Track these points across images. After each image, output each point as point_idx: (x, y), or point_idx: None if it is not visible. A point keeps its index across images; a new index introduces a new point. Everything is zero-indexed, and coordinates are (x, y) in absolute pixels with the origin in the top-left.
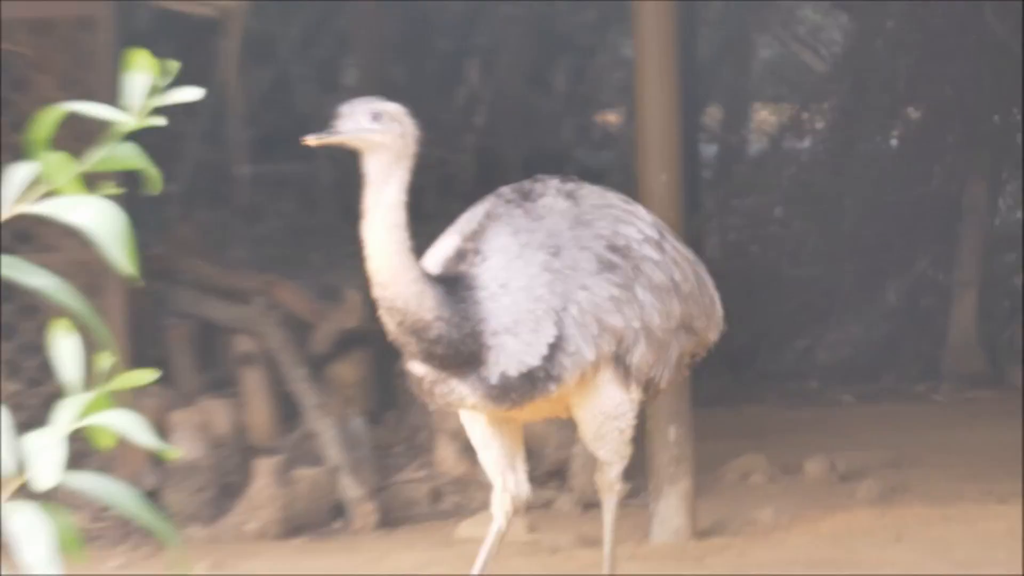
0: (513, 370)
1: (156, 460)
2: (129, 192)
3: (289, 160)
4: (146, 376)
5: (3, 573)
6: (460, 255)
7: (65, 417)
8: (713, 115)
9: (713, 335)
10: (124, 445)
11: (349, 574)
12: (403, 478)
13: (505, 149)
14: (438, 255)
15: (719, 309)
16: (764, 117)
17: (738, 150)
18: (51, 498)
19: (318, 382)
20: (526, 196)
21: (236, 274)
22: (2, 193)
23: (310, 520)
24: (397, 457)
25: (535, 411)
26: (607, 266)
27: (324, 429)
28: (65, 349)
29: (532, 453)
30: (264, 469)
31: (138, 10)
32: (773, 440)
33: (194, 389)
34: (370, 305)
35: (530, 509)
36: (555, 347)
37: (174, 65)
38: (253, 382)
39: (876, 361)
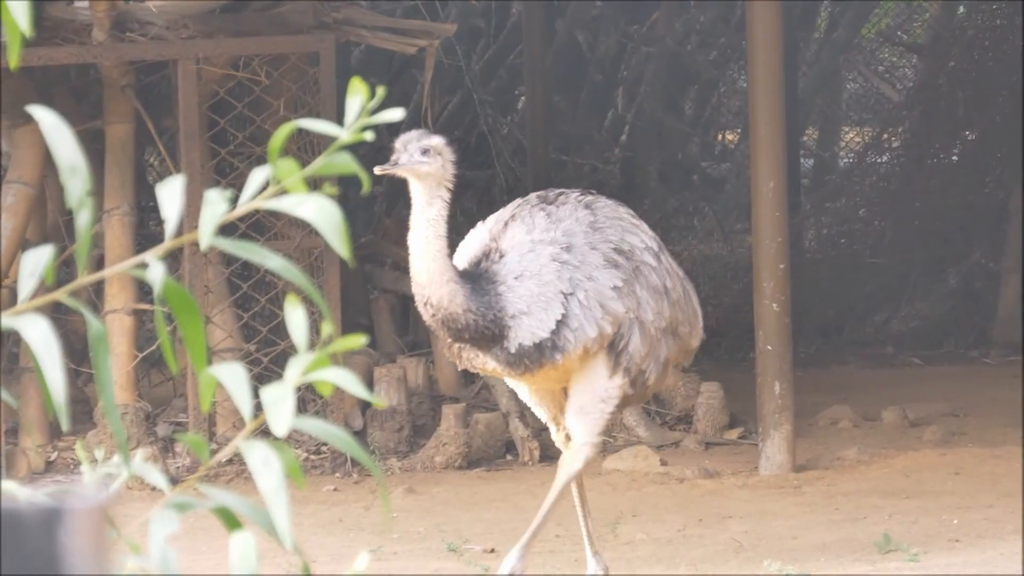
0: (528, 341)
1: (364, 406)
2: (345, 193)
3: (472, 168)
4: (357, 340)
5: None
6: (486, 252)
7: (294, 373)
8: (810, 135)
9: (695, 342)
10: (338, 394)
11: (516, 497)
12: None
13: (644, 161)
14: (469, 251)
15: (701, 321)
16: (851, 138)
17: (830, 163)
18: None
19: None
20: (549, 202)
21: None
22: (243, 191)
23: (486, 455)
24: None
25: (545, 378)
26: (612, 264)
27: (497, 382)
28: (295, 318)
29: (663, 402)
30: (450, 413)
31: (353, 47)
32: (856, 394)
33: (394, 350)
34: None
35: (662, 447)
36: (561, 323)
37: (382, 91)
38: (442, 345)
39: (939, 331)
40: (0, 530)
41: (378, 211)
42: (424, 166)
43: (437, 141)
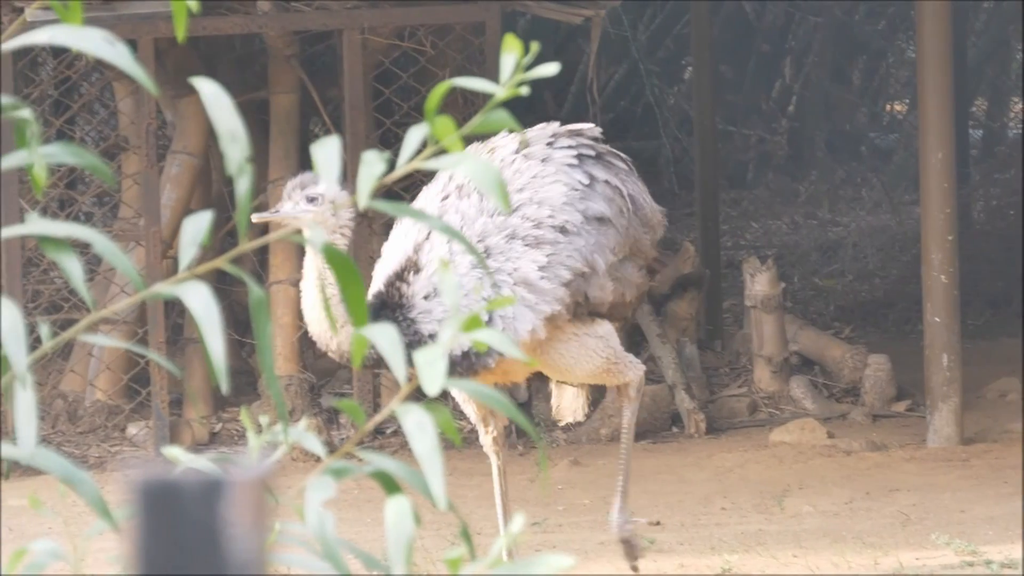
0: (455, 351)
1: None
2: None
3: (638, 138)
4: (509, 300)
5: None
6: (404, 267)
7: (447, 333)
8: (979, 106)
9: (660, 232)
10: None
11: (682, 469)
12: (726, 394)
13: (811, 131)
14: (389, 265)
15: (658, 215)
16: (1021, 108)
17: (999, 134)
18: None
19: (659, 316)
20: (461, 197)
21: None
22: (401, 151)
23: (652, 426)
24: (722, 377)
25: (494, 378)
26: (534, 242)
27: (664, 354)
28: (447, 280)
29: (831, 375)
30: None
31: (519, 17)
32: None
33: None
34: (701, 253)
35: (828, 419)
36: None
37: (535, 46)
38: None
39: None
40: (161, 501)
41: None
42: (308, 215)
43: (327, 187)
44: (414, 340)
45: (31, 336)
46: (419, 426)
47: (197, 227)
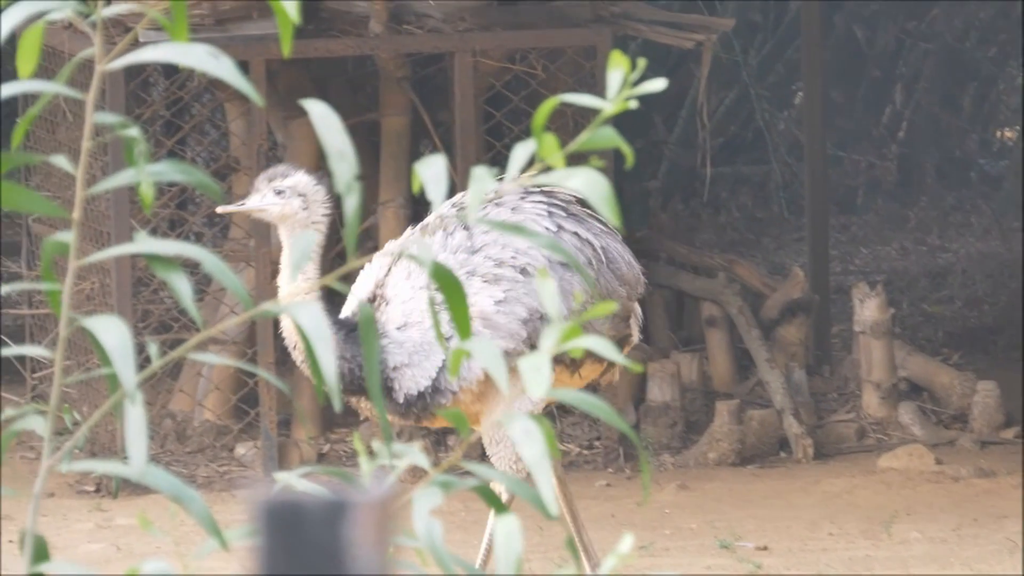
0: (413, 390)
1: (637, 401)
2: (619, 186)
3: (748, 163)
4: (609, 307)
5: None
6: (371, 299)
7: (549, 341)
8: None
9: (636, 297)
10: (611, 389)
11: (789, 494)
12: (835, 419)
13: (921, 157)
14: (360, 294)
15: (638, 275)
16: None
17: None
18: (547, 420)
19: (768, 341)
20: (424, 234)
21: (703, 254)
22: (508, 167)
23: (759, 451)
24: (830, 402)
25: (447, 421)
26: (493, 280)
27: (772, 379)
28: (545, 290)
29: (939, 401)
30: (724, 409)
31: (630, 41)
32: None
33: (668, 345)
34: (810, 279)
35: (936, 446)
36: (442, 369)
37: (643, 62)
38: (716, 340)
39: None
40: (285, 522)
41: (653, 206)
42: (276, 208)
43: (296, 180)
44: (381, 369)
45: (140, 355)
46: (526, 432)
47: (304, 245)
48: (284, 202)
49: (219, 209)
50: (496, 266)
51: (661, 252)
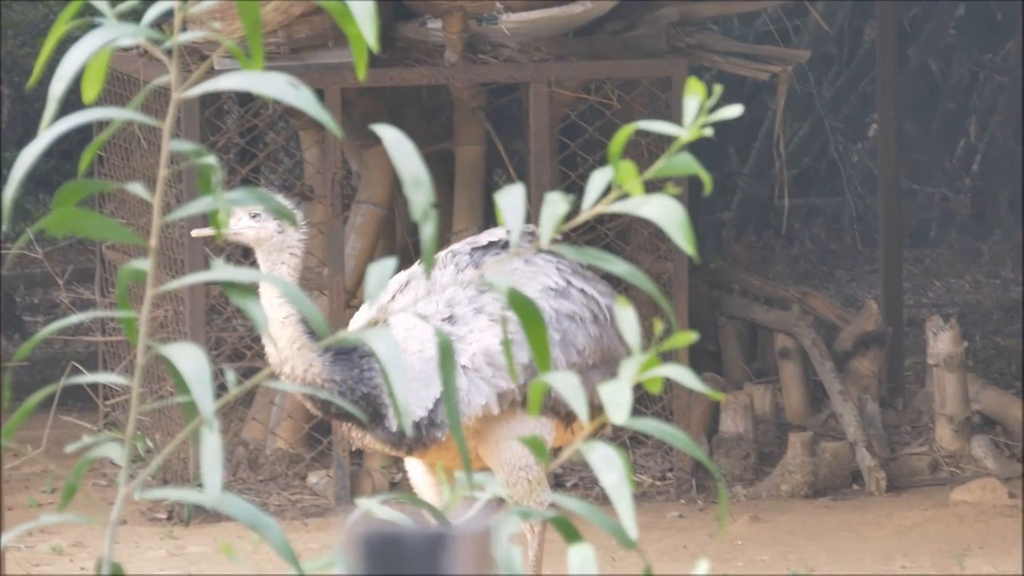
0: (407, 421)
1: (710, 433)
2: (693, 218)
3: (822, 195)
4: (688, 337)
5: None
6: (372, 323)
7: (629, 370)
8: None
9: None
10: (683, 420)
11: (861, 527)
12: (907, 452)
13: (995, 191)
14: (361, 319)
15: None
16: None
17: None
18: (623, 446)
19: (841, 373)
20: (434, 266)
21: (777, 285)
22: (586, 195)
23: (832, 484)
24: (903, 435)
25: (439, 457)
26: (500, 321)
27: (845, 411)
28: (626, 319)
29: (1012, 435)
30: (797, 441)
31: (704, 72)
32: None
33: (741, 377)
34: (884, 311)
35: (1010, 479)
36: (440, 400)
37: (718, 89)
38: (789, 372)
39: None
40: (385, 554)
41: (727, 237)
42: (251, 231)
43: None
44: (372, 393)
45: (215, 383)
46: (606, 460)
47: (382, 274)
48: (259, 225)
49: (193, 233)
50: (505, 308)
51: (735, 283)
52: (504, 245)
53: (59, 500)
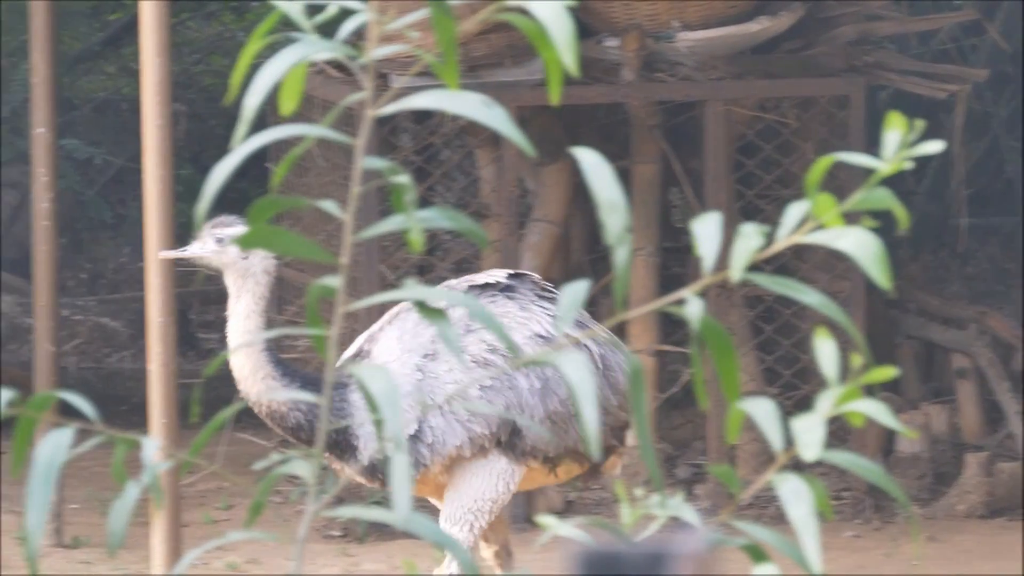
0: (379, 454)
1: (884, 452)
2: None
3: (997, 214)
4: (888, 372)
5: None
6: (358, 354)
7: (826, 404)
8: None
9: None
10: (859, 440)
11: None
12: None
13: None
14: (350, 349)
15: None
16: None
17: None
18: (811, 474)
19: (1018, 393)
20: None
21: (954, 305)
22: (780, 227)
23: (1009, 504)
24: None
25: (414, 489)
26: (482, 364)
27: (1022, 431)
28: (826, 350)
29: None
30: (973, 461)
31: (880, 91)
32: None
33: (917, 396)
34: None
35: None
36: (414, 438)
37: (920, 124)
38: (966, 392)
39: None
40: (605, 572)
41: (903, 256)
42: (214, 257)
43: (238, 231)
44: (342, 424)
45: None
46: (795, 493)
47: (575, 295)
48: (222, 251)
49: (161, 254)
50: (489, 351)
51: (911, 303)
52: (503, 288)
53: (236, 517)
